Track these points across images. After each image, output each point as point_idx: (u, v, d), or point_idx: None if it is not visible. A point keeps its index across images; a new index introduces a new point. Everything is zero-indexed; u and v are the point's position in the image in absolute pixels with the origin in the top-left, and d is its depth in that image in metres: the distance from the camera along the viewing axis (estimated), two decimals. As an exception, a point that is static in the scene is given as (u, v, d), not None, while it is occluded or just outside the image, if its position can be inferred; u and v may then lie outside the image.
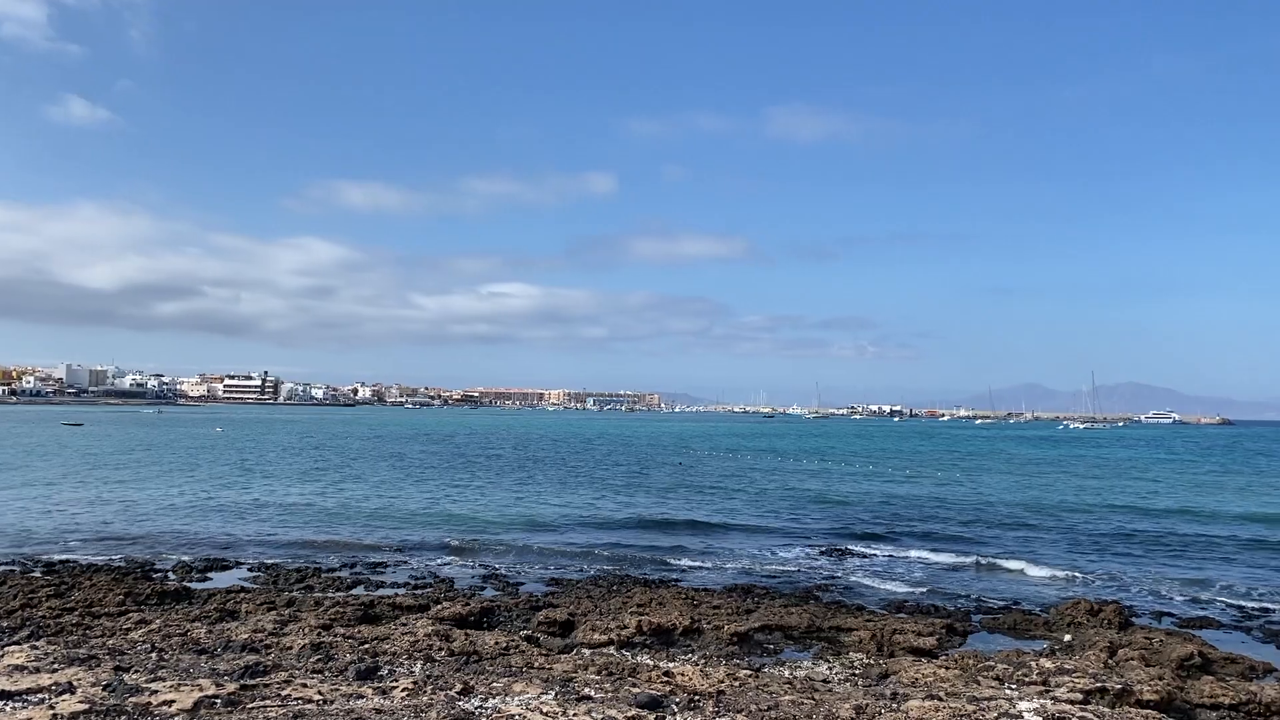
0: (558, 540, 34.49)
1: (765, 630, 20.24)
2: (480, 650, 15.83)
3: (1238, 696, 15.25)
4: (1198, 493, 60.41)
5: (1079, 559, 32.92)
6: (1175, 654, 18.15)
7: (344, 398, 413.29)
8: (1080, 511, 47.43)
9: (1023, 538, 37.69)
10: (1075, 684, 14.43)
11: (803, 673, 16.60)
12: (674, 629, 19.48)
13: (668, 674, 14.33)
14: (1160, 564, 32.28)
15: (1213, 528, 41.97)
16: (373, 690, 12.25)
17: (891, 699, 12.90)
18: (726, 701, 12.73)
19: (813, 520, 41.98)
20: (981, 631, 21.63)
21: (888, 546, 34.46)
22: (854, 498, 52.23)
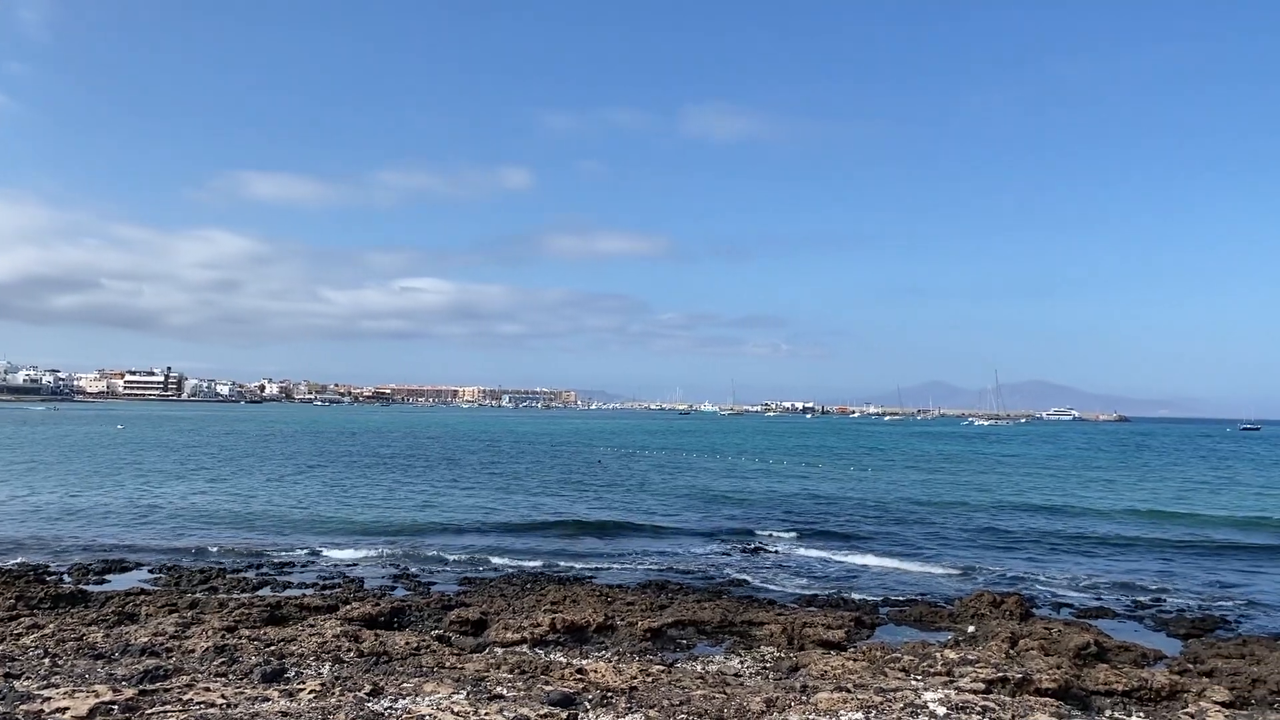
0: (471, 539, 34.23)
1: (679, 626, 20.36)
2: (390, 651, 15.60)
3: (1131, 683, 15.84)
4: (1095, 488, 62.67)
5: (983, 553, 33.86)
6: (1073, 643, 18.79)
7: (250, 395, 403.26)
8: (984, 507, 48.81)
9: (929, 533, 38.61)
10: (978, 674, 14.82)
11: (715, 667, 16.75)
12: (588, 626, 19.47)
13: (581, 671, 14.31)
14: (1060, 557, 33.39)
15: (1110, 522, 43.58)
16: (279, 693, 11.98)
17: (801, 691, 13.08)
18: (639, 697, 12.77)
19: (726, 516, 42.37)
20: (889, 624, 22.10)
21: (799, 542, 34.96)
22: (766, 494, 52.87)
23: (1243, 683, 16.95)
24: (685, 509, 45.00)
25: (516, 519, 39.70)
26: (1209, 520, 44.49)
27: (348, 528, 35.85)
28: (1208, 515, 46.49)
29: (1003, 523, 42.06)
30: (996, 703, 12.50)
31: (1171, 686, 15.70)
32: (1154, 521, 43.63)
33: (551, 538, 34.98)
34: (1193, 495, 58.31)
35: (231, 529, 35.21)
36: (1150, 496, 56.63)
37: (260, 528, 35.62)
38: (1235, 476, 75.97)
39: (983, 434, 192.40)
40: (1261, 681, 17.03)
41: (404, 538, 33.77)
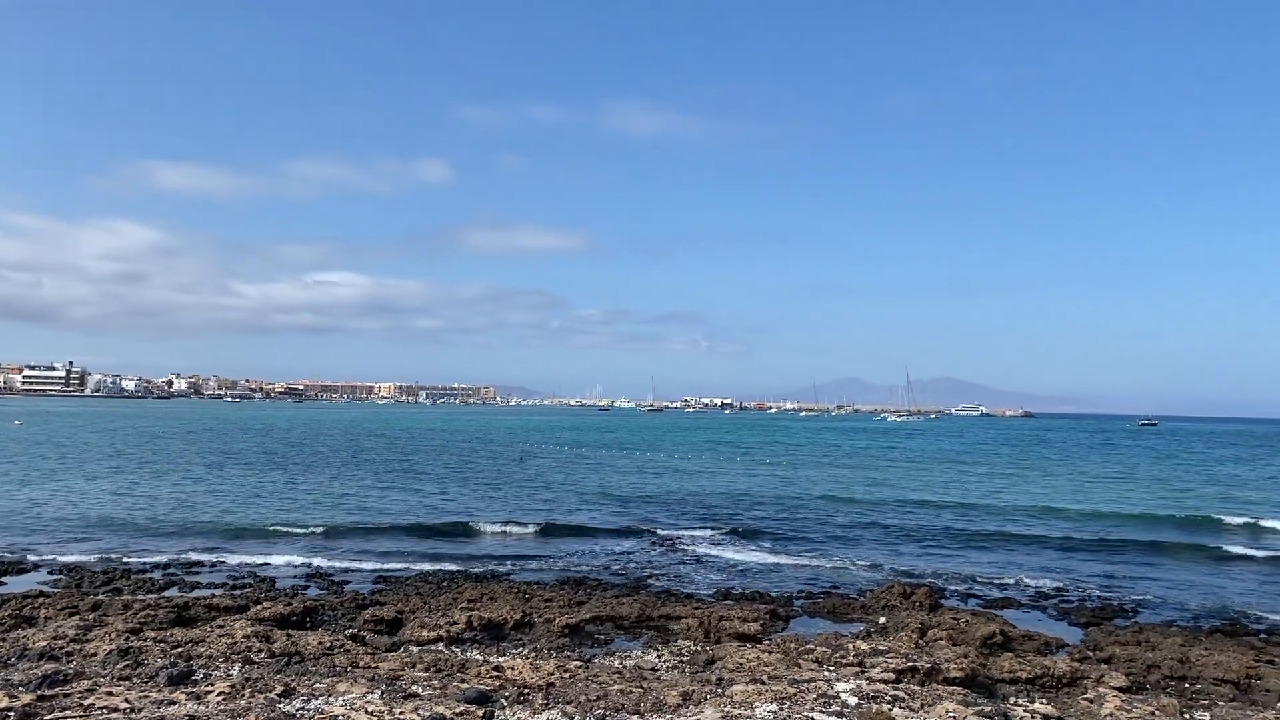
0: (387, 538, 33.80)
1: (596, 621, 20.39)
2: (303, 650, 15.34)
3: (1034, 670, 16.38)
4: (999, 483, 64.50)
5: (894, 546, 34.60)
6: (979, 633, 19.32)
7: (157, 390, 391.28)
8: (893, 503, 49.86)
9: (843, 527, 39.32)
10: (889, 664, 15.15)
11: (632, 662, 16.83)
12: (505, 623, 19.41)
13: (498, 668, 14.26)
14: (967, 550, 34.29)
15: (1014, 516, 44.89)
16: (186, 695, 11.69)
17: (717, 684, 13.22)
18: (556, 693, 12.77)
19: (644, 513, 42.52)
20: (803, 616, 22.44)
21: (716, 537, 35.26)
22: (684, 490, 53.21)
23: (1139, 668, 17.64)
24: (604, 505, 45.06)
25: (433, 517, 39.28)
26: (1106, 513, 46.10)
27: (259, 527, 35.06)
28: (1105, 509, 48.17)
29: (912, 518, 43.04)
30: (906, 692, 12.80)
31: (1072, 673, 16.27)
32: (1054, 515, 45.06)
33: (469, 535, 34.72)
34: (1091, 490, 60.33)
35: (137, 529, 34.16)
36: (1051, 491, 58.49)
37: (167, 527, 34.63)
38: (1131, 471, 78.82)
39: (894, 429, 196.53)
40: (1156, 667, 17.74)
41: (318, 537, 33.17)
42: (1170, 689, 16.75)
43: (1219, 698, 16.32)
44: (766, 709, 11.46)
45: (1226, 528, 41.07)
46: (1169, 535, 38.56)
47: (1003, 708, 13.07)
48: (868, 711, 11.44)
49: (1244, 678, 17.03)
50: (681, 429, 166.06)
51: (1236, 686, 16.80)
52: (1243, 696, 16.41)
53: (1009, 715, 12.55)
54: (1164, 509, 48.40)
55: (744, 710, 11.41)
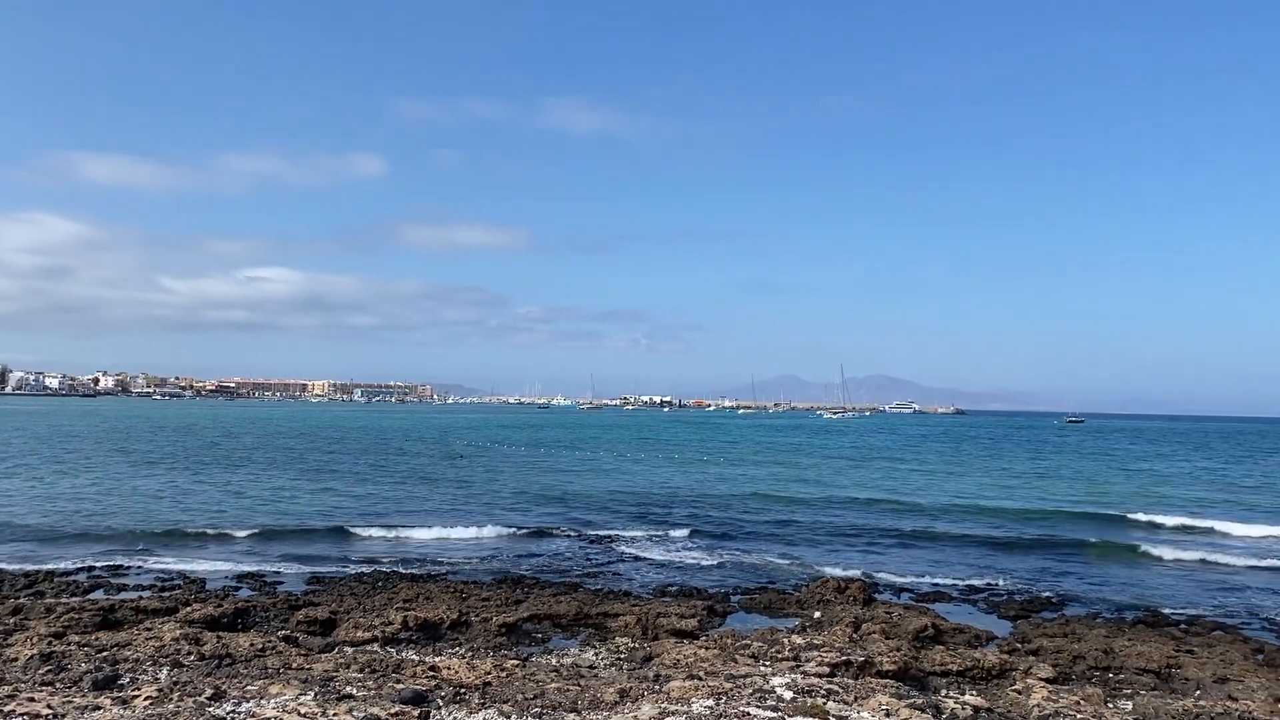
0: (321, 537, 33.32)
1: (534, 620, 20.34)
2: (234, 653, 15.07)
3: (964, 663, 16.70)
4: (931, 479, 65.65)
5: (830, 541, 35.04)
6: (912, 626, 19.65)
7: (83, 388, 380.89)
8: (827, 499, 50.47)
9: (779, 523, 39.72)
10: (823, 658, 15.33)
11: (570, 660, 16.83)
12: (441, 623, 19.26)
13: (434, 668, 14.15)
14: (899, 544, 34.84)
15: (944, 511, 45.70)
16: (112, 700, 11.42)
17: (654, 681, 13.27)
18: (493, 693, 12.72)
19: (582, 510, 42.51)
20: (740, 611, 22.63)
21: (654, 534, 35.37)
22: (622, 488, 53.28)
23: (1065, 660, 18.08)
24: (541, 504, 44.93)
25: (367, 517, 38.83)
26: (1032, 509, 47.19)
27: (189, 528, 34.31)
28: (1031, 505, 49.31)
29: (846, 514, 43.67)
30: (840, 685, 12.97)
31: (1002, 665, 16.62)
32: (982, 511, 45.99)
33: (405, 535, 34.36)
34: (1017, 486, 61.69)
35: (59, 531, 33.21)
36: (979, 488, 59.70)
37: (92, 529, 33.71)
38: (1056, 468, 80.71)
39: (829, 426, 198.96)
40: (1082, 658, 18.20)
41: (250, 538, 32.57)
42: (1095, 679, 17.21)
43: (1141, 687, 16.81)
44: (703, 704, 11.53)
45: (1146, 523, 42.17)
46: (1092, 531, 39.52)
47: (934, 699, 13.30)
48: (802, 705, 11.57)
49: (1164, 667, 17.55)
50: (620, 427, 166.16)
51: (1158, 676, 17.30)
52: (1163, 685, 16.91)
53: (940, 707, 12.78)
54: (1087, 505, 49.69)
55: (681, 706, 11.46)
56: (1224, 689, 16.33)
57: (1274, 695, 15.81)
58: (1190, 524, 41.36)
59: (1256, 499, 55.56)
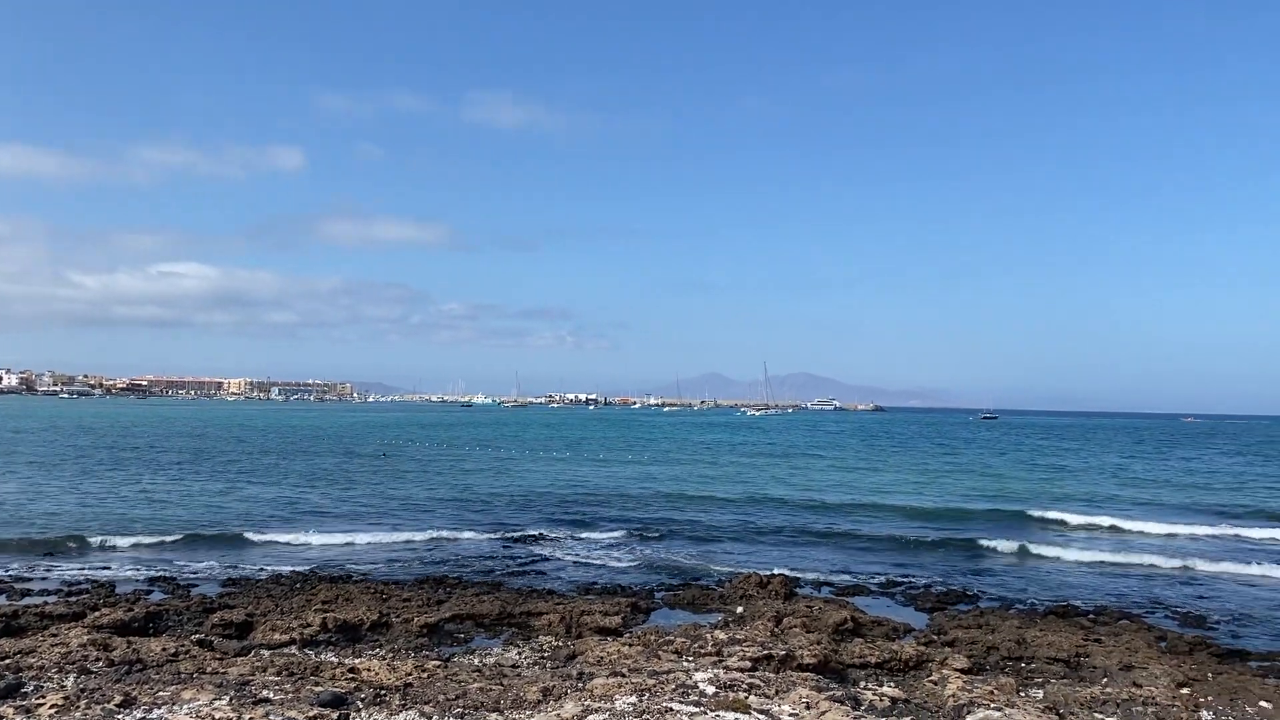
0: (237, 539, 32.54)
1: (456, 620, 20.16)
2: (145, 658, 14.66)
3: (882, 655, 17.01)
4: (849, 475, 66.75)
5: (753, 536, 35.38)
6: (832, 620, 19.95)
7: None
8: (751, 495, 50.98)
9: (703, 518, 39.99)
10: (745, 653, 15.49)
11: (492, 659, 16.72)
12: (362, 624, 18.98)
13: (353, 670, 13.95)
14: (820, 539, 35.35)
15: (861, 507, 46.52)
16: (14, 709, 11.03)
17: (578, 679, 13.26)
18: (414, 694, 12.58)
19: (505, 509, 42.28)
20: (664, 608, 22.72)
21: (578, 533, 35.32)
22: (546, 486, 53.12)
23: (979, 650, 18.53)
24: (464, 503, 44.55)
25: (287, 517, 38.09)
26: (947, 503, 48.28)
27: (96, 531, 33.21)
28: (945, 499, 50.46)
29: (768, 510, 44.15)
30: (762, 679, 13.12)
31: (919, 656, 16.96)
32: (899, 505, 46.90)
33: (326, 534, 33.75)
34: (931, 481, 63.05)
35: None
36: (896, 483, 60.88)
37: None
38: (968, 463, 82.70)
39: (752, 423, 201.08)
40: (995, 648, 18.68)
41: (162, 540, 31.64)
42: (1008, 669, 17.66)
43: (1051, 675, 17.31)
44: (626, 701, 11.56)
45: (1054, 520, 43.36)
46: (1001, 526, 40.60)
47: (853, 691, 13.54)
48: (724, 700, 11.67)
49: (1074, 656, 18.10)
50: (545, 425, 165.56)
51: (1067, 664, 17.84)
52: (1073, 674, 17.44)
53: (859, 699, 13.01)
54: (998, 501, 51.01)
55: (604, 703, 11.48)
56: (1129, 676, 16.90)
57: (1176, 681, 16.42)
58: (1094, 521, 42.63)
59: (1156, 493, 57.62)
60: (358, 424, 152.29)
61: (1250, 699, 15.70)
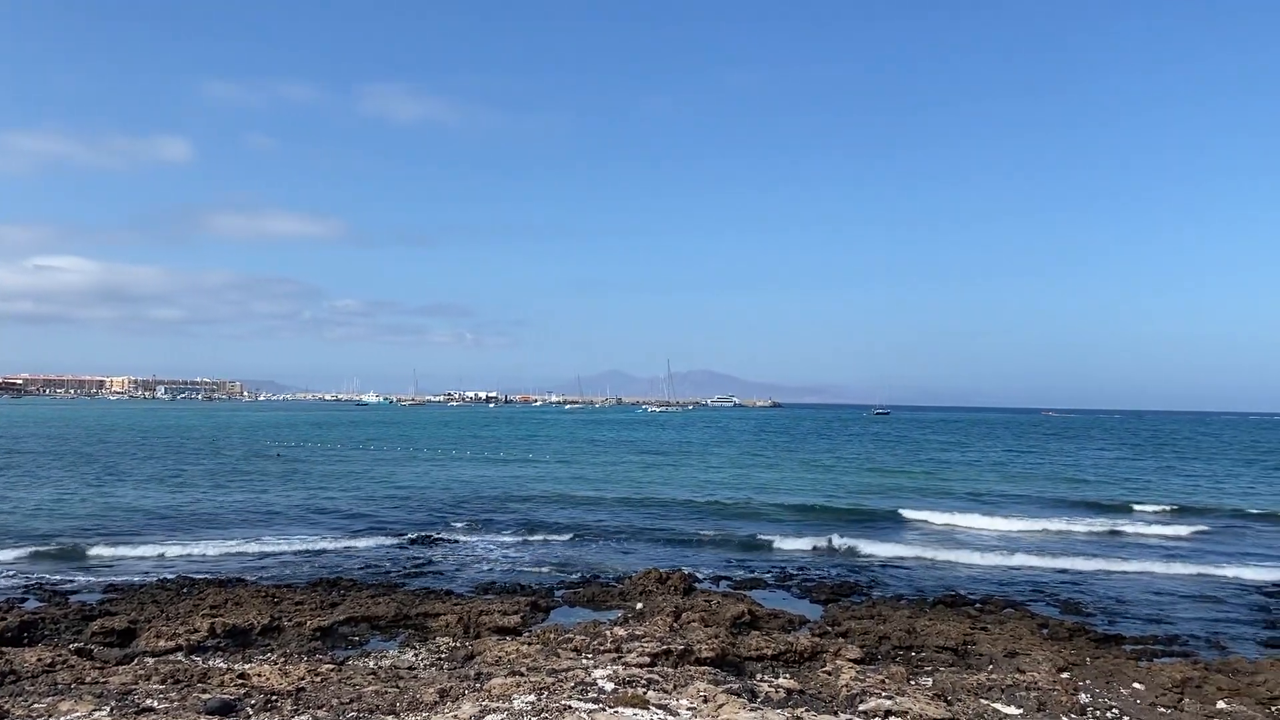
0: (120, 543, 31.32)
1: (351, 622, 19.78)
2: (18, 669, 14.00)
3: (779, 647, 17.28)
4: (743, 472, 67.73)
5: (652, 532, 35.56)
6: (729, 613, 20.19)
7: None
8: (649, 490, 51.28)
9: (602, 515, 40.07)
10: (644, 648, 15.56)
11: (388, 662, 16.45)
12: (252, 628, 18.48)
13: (243, 676, 13.57)
14: (717, 533, 35.72)
15: (756, 501, 47.21)
16: (-127, 728, 10.43)
17: (476, 679, 13.15)
18: (306, 698, 12.31)
19: (402, 509, 41.66)
20: (564, 606, 22.68)
21: (477, 532, 35.03)
22: (443, 485, 52.51)
23: (872, 640, 18.98)
24: (360, 503, 43.74)
25: (172, 520, 36.83)
26: (833, 495, 49.37)
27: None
28: (833, 493, 51.59)
29: (666, 505, 44.46)
30: (660, 674, 13.20)
31: (813, 648, 17.29)
32: (793, 499, 47.76)
33: (215, 537, 32.73)
34: (824, 475, 64.38)
35: None
36: (786, 478, 62.01)
37: None
38: (857, 458, 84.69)
39: (653, 420, 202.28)
40: (887, 638, 19.15)
41: (34, 549, 30.23)
42: (899, 658, 18.13)
43: (940, 663, 17.84)
44: (524, 700, 11.50)
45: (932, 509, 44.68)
46: (891, 519, 41.64)
47: (750, 684, 13.72)
48: (623, 696, 11.71)
49: (961, 644, 18.68)
50: (443, 424, 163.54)
51: (955, 652, 18.40)
52: (961, 661, 18.00)
53: (755, 691, 13.19)
54: (887, 494, 52.34)
55: (502, 703, 11.40)
56: (1014, 662, 17.52)
57: (1057, 666, 17.09)
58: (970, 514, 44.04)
59: (1034, 486, 59.85)
60: (249, 424, 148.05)
61: (1125, 681, 16.44)
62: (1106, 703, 15.27)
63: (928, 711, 12.43)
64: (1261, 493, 56.88)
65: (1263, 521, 42.49)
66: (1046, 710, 14.64)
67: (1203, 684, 16.11)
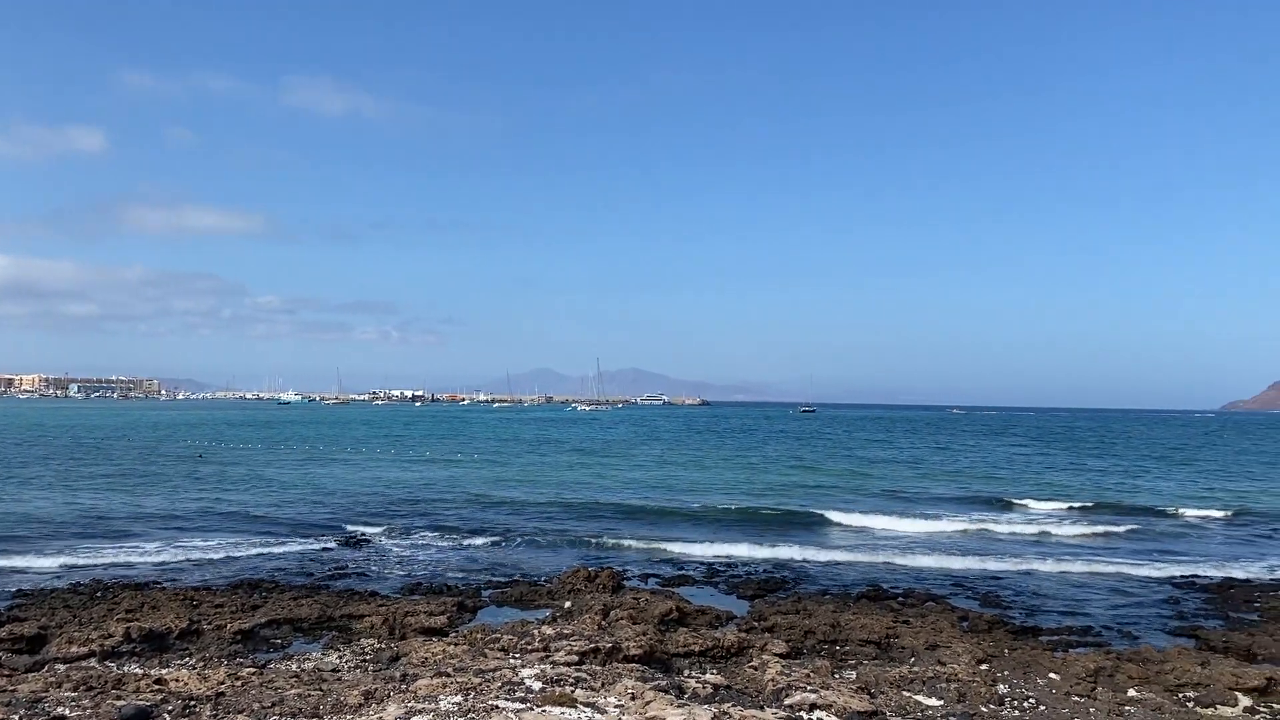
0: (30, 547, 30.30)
1: (273, 625, 19.41)
2: (-80, 679, 13.47)
3: (706, 643, 17.42)
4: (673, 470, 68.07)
5: (582, 530, 35.50)
6: (657, 611, 20.27)
7: None
8: (574, 488, 51.23)
9: (531, 513, 39.90)
10: (573, 647, 15.54)
11: (311, 664, 16.18)
12: (170, 632, 18.02)
13: (160, 681, 13.24)
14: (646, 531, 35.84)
15: (681, 499, 47.47)
16: None
17: (401, 680, 13.00)
18: (226, 703, 12.05)
19: (327, 509, 41.02)
20: (491, 606, 22.55)
21: (403, 532, 34.61)
22: (369, 485, 51.81)
23: (797, 635, 19.22)
24: (283, 504, 42.92)
25: (84, 523, 35.71)
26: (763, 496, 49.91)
27: None
28: (761, 491, 52.14)
29: (591, 503, 44.45)
30: (589, 673, 13.20)
31: (740, 643, 17.46)
32: (719, 496, 48.16)
33: (130, 541, 31.83)
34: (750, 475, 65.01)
35: None
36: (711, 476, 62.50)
37: None
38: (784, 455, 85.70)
39: (582, 419, 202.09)
40: (812, 633, 19.41)
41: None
42: (824, 652, 18.40)
43: (864, 657, 18.14)
44: (451, 700, 11.41)
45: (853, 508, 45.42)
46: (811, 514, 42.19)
47: (678, 680, 13.80)
48: (551, 695, 11.69)
49: (884, 637, 19.02)
50: (367, 423, 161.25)
51: (878, 646, 18.73)
52: (883, 655, 18.33)
53: (682, 687, 13.27)
54: (811, 491, 53.07)
55: (428, 704, 11.30)
56: (935, 655, 17.89)
57: (976, 658, 17.49)
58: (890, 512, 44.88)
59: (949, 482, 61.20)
60: (166, 423, 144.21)
61: (1041, 671, 16.90)
62: (1024, 693, 15.69)
63: (852, 704, 12.63)
64: (1167, 490, 58.88)
65: (1171, 518, 43.96)
66: (966, 701, 14.98)
67: (1115, 673, 16.63)
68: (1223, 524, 41.90)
